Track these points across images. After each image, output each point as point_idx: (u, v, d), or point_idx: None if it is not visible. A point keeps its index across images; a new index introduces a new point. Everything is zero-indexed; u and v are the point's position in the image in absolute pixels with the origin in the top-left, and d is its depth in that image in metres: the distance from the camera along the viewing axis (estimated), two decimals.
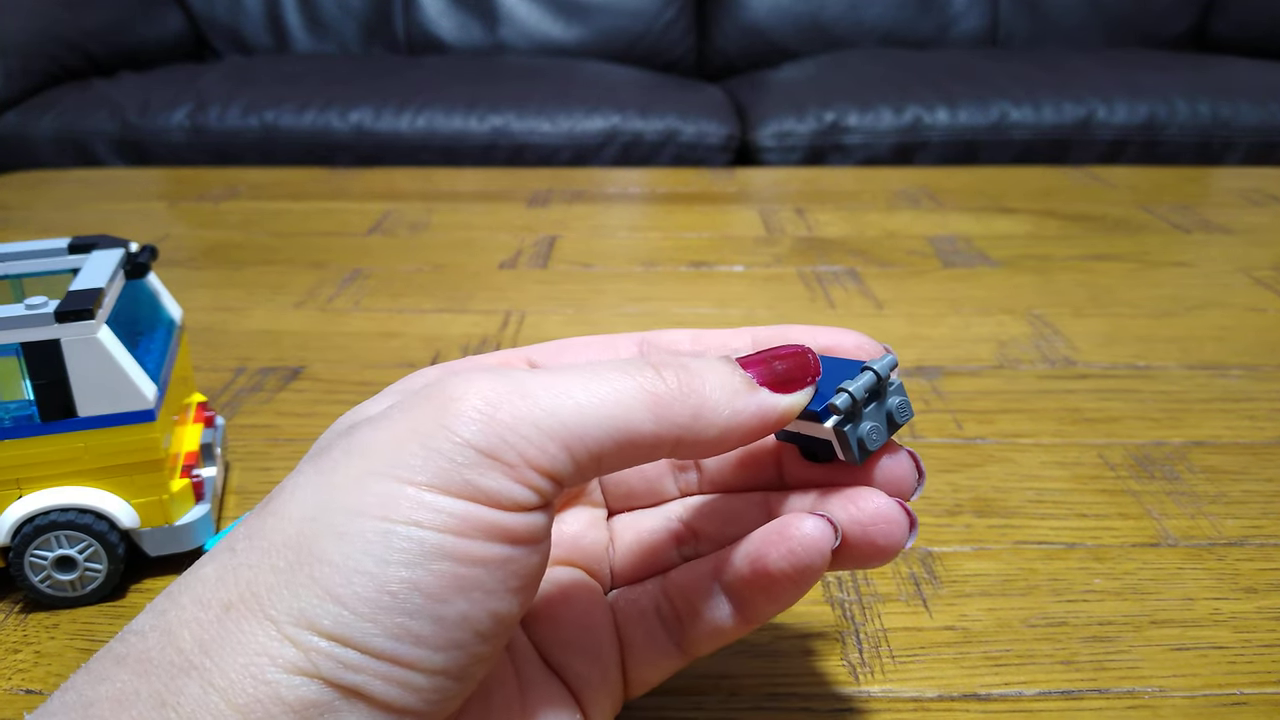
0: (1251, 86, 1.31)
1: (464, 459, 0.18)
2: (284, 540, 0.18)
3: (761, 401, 0.20)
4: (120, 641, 0.18)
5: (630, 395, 0.19)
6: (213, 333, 0.50)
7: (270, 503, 0.19)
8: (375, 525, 0.17)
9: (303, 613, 0.17)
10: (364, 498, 0.17)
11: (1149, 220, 0.68)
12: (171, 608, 0.18)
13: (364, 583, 0.17)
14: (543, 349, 0.24)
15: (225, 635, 0.17)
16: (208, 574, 0.18)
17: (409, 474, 0.18)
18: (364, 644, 0.17)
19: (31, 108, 1.29)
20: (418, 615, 0.17)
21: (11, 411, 0.28)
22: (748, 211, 0.71)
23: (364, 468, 0.18)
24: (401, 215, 0.70)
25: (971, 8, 1.66)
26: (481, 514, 0.17)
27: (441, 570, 0.17)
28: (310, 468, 0.19)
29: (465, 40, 1.66)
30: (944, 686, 0.25)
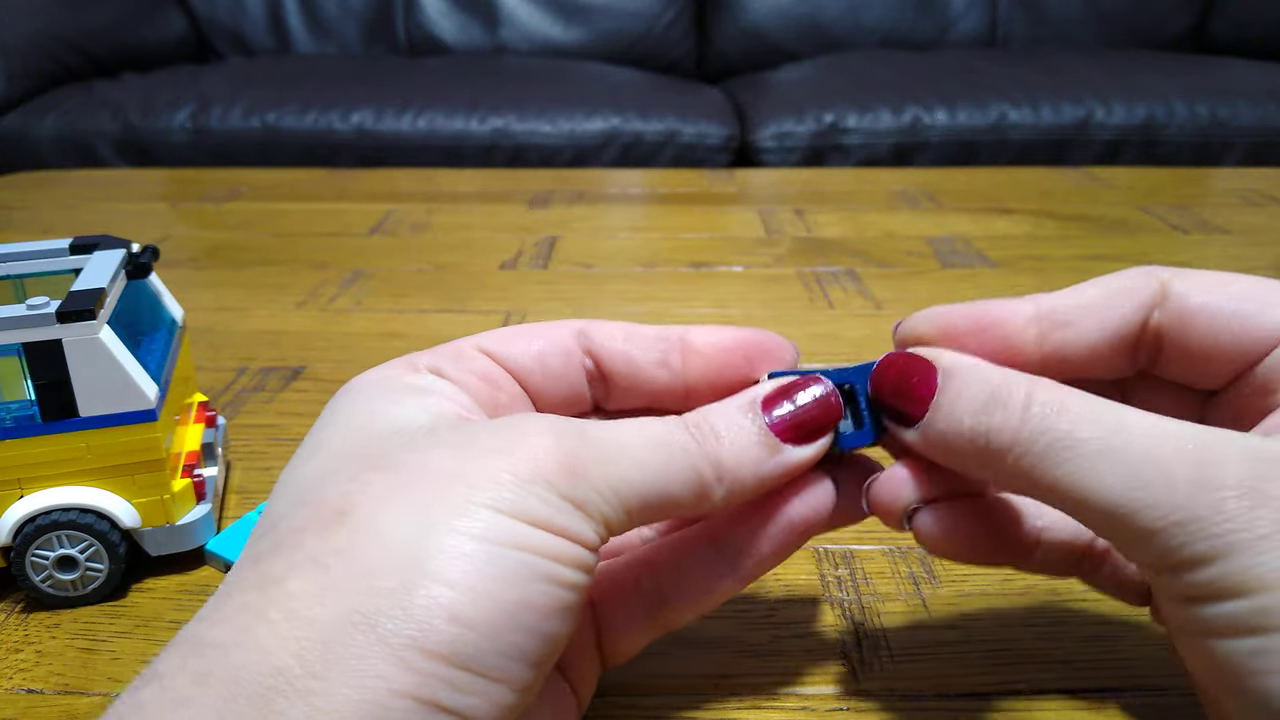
0: (1250, 87, 1.31)
1: (557, 507, 0.18)
2: (385, 559, 0.17)
3: (784, 461, 0.21)
4: (196, 656, 0.17)
5: (676, 470, 0.20)
6: (214, 333, 0.50)
7: (350, 518, 0.18)
8: (488, 549, 0.17)
9: (417, 634, 0.16)
10: (469, 521, 0.18)
11: (1147, 221, 0.68)
12: (259, 623, 0.17)
13: (484, 603, 0.17)
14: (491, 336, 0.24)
15: (333, 657, 0.16)
16: (298, 592, 0.17)
17: (510, 508, 0.18)
18: (479, 664, 0.17)
19: (33, 108, 1.29)
20: (527, 633, 0.17)
21: (13, 411, 0.28)
22: (747, 212, 0.71)
23: (459, 494, 0.18)
24: (403, 216, 0.70)
25: (970, 9, 1.66)
26: (568, 548, 0.18)
27: (546, 591, 0.18)
28: (383, 481, 0.18)
29: (466, 41, 1.66)
30: (944, 686, 0.25)
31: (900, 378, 0.21)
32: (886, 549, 0.31)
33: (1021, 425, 0.19)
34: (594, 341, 0.24)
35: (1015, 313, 0.22)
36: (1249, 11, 1.65)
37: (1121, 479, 0.17)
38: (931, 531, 0.21)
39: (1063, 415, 0.18)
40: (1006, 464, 0.19)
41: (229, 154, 1.25)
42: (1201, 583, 0.17)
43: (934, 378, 0.20)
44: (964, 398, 0.20)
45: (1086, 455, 0.18)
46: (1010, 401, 0.19)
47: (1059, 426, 0.18)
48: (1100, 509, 0.18)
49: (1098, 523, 0.18)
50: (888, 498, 0.22)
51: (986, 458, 0.19)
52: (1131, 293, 0.21)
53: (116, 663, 0.27)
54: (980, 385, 0.20)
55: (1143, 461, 0.17)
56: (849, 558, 0.31)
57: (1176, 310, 0.21)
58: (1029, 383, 0.19)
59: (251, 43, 1.67)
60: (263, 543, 0.19)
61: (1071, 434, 0.18)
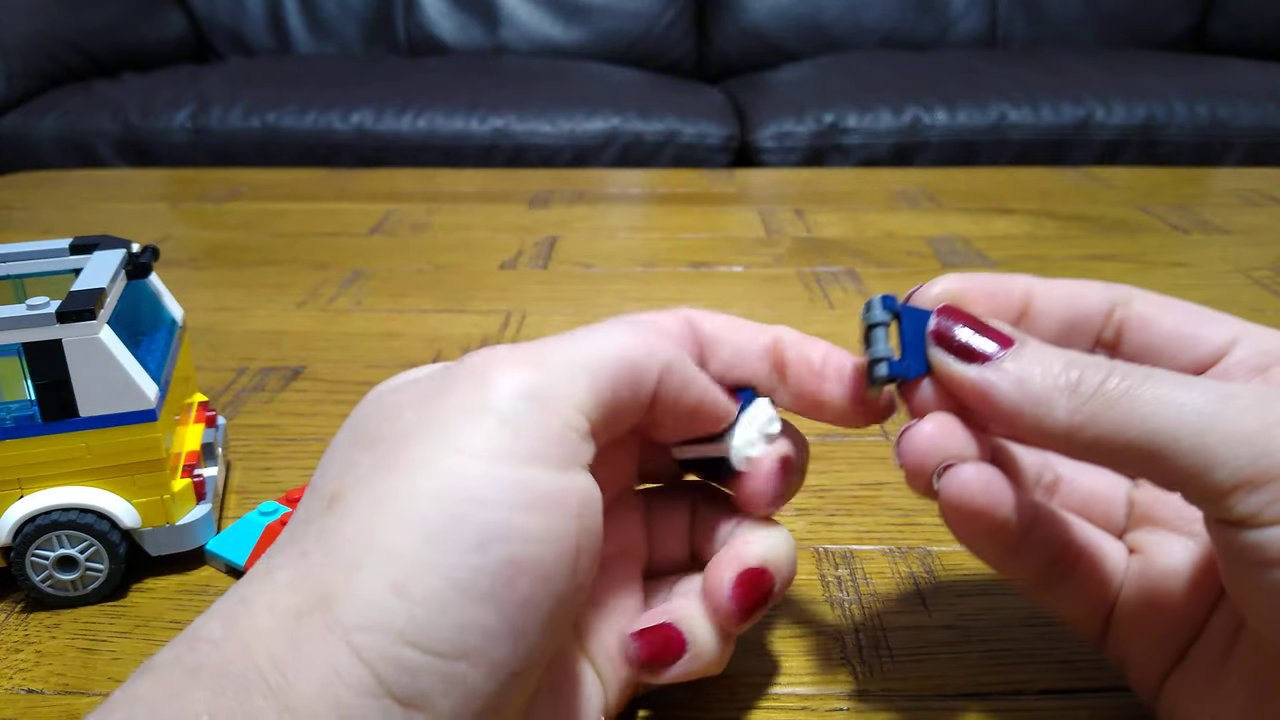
0: (1250, 87, 1.31)
1: (522, 412, 0.18)
2: (352, 536, 0.17)
3: None
4: (191, 649, 0.17)
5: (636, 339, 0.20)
6: (214, 333, 0.50)
7: (338, 502, 0.18)
8: (434, 507, 0.17)
9: (370, 615, 0.16)
10: (425, 481, 0.17)
11: (1147, 221, 0.68)
12: (244, 615, 0.17)
13: (429, 573, 0.16)
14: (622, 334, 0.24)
15: (296, 649, 0.16)
16: (280, 579, 0.17)
17: (469, 444, 0.17)
18: (431, 642, 0.16)
19: (33, 108, 1.29)
20: (483, 602, 0.17)
21: (13, 411, 0.28)
22: (747, 212, 0.71)
23: (423, 449, 0.18)
24: (403, 216, 0.70)
25: (970, 9, 1.66)
26: (538, 478, 0.18)
27: (504, 552, 0.17)
28: (367, 458, 0.18)
29: (466, 41, 1.66)
30: (944, 686, 0.26)
31: (975, 320, 0.21)
32: (886, 549, 0.31)
33: (1110, 370, 0.19)
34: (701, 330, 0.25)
35: (1014, 281, 0.24)
36: (1249, 11, 1.65)
37: (1208, 395, 0.18)
38: (967, 488, 0.21)
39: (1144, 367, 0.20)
40: (1089, 403, 0.19)
41: (229, 154, 1.25)
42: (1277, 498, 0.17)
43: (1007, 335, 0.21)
44: (1052, 350, 0.21)
45: (1172, 381, 0.19)
46: (1098, 360, 0.20)
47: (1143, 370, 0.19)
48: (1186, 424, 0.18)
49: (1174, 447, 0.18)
50: (924, 449, 0.21)
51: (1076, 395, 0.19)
52: (1102, 287, 0.23)
53: (116, 663, 0.27)
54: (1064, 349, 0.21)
55: (1226, 385, 0.19)
56: (849, 558, 0.31)
57: (1139, 313, 0.23)
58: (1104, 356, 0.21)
59: (251, 43, 1.67)
60: (282, 536, 0.19)
61: (1155, 373, 0.19)
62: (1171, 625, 0.22)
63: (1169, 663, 0.22)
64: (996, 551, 0.22)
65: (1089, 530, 0.24)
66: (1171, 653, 0.22)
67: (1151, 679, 0.23)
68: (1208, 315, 0.23)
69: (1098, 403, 0.19)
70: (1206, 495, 0.18)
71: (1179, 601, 0.22)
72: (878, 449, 0.37)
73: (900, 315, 0.22)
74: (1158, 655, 0.22)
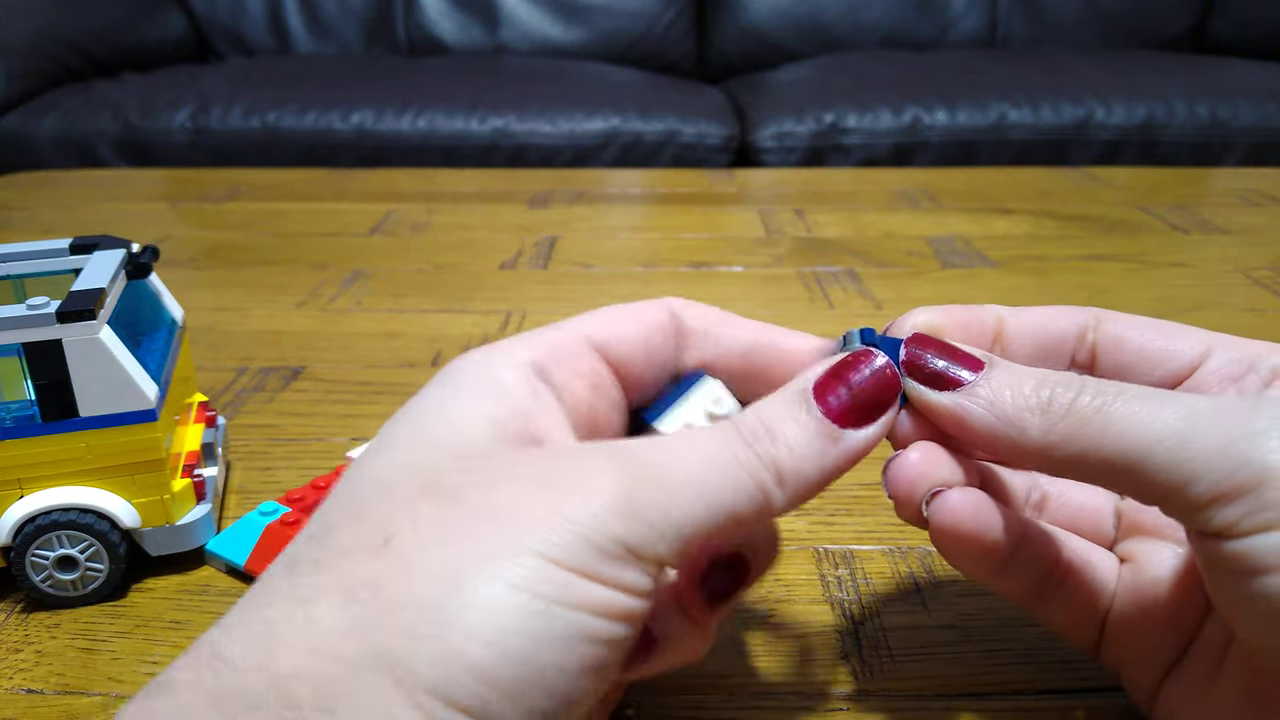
0: (1250, 87, 1.31)
1: (612, 551, 0.17)
2: (418, 601, 0.16)
3: (848, 449, 0.20)
4: (213, 673, 0.16)
5: (739, 488, 0.19)
6: (214, 333, 0.50)
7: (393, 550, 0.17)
8: (526, 605, 0.16)
9: (441, 686, 0.16)
10: (515, 570, 0.17)
11: (1147, 221, 0.68)
12: (279, 648, 0.16)
13: (513, 665, 0.16)
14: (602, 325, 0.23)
15: (349, 695, 0.16)
16: (323, 619, 0.16)
17: (556, 554, 0.17)
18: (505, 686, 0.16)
19: (33, 108, 1.29)
20: (554, 697, 0.17)
21: (13, 411, 0.28)
22: (747, 212, 0.71)
23: (509, 538, 0.17)
24: (403, 216, 0.70)
25: (970, 9, 1.66)
26: (616, 601, 0.17)
27: (584, 653, 0.17)
28: (436, 512, 0.18)
29: (466, 41, 1.66)
30: (944, 686, 0.26)
31: (944, 347, 0.22)
32: (886, 549, 0.31)
33: (1082, 388, 0.20)
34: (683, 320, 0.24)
35: (986, 311, 0.24)
36: (1249, 11, 1.65)
37: (1182, 411, 0.18)
38: (955, 514, 0.21)
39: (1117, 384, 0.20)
40: (1062, 422, 0.19)
41: (229, 154, 1.25)
42: (1259, 507, 0.17)
43: (977, 358, 0.21)
44: (1022, 371, 0.21)
45: (1145, 397, 0.19)
46: (1069, 378, 0.20)
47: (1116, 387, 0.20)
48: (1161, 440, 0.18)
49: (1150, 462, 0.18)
50: (910, 478, 0.21)
51: (1048, 415, 0.20)
52: (1068, 312, 0.24)
53: (116, 663, 0.27)
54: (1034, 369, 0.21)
55: (1200, 399, 0.19)
56: (849, 558, 0.31)
57: (1110, 333, 0.23)
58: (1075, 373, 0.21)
59: (251, 43, 1.67)
60: (306, 551, 0.18)
61: (1128, 389, 0.19)
62: (1164, 632, 0.22)
63: (1163, 668, 0.22)
64: (986, 571, 0.22)
65: (1078, 544, 0.24)
66: (1166, 659, 0.22)
67: (1147, 685, 0.23)
68: (1178, 330, 0.23)
69: (1071, 421, 0.19)
70: (1184, 509, 0.18)
71: (1171, 608, 0.22)
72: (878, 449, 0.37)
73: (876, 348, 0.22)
74: (1152, 661, 0.22)
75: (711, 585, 0.21)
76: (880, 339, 0.22)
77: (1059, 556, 0.23)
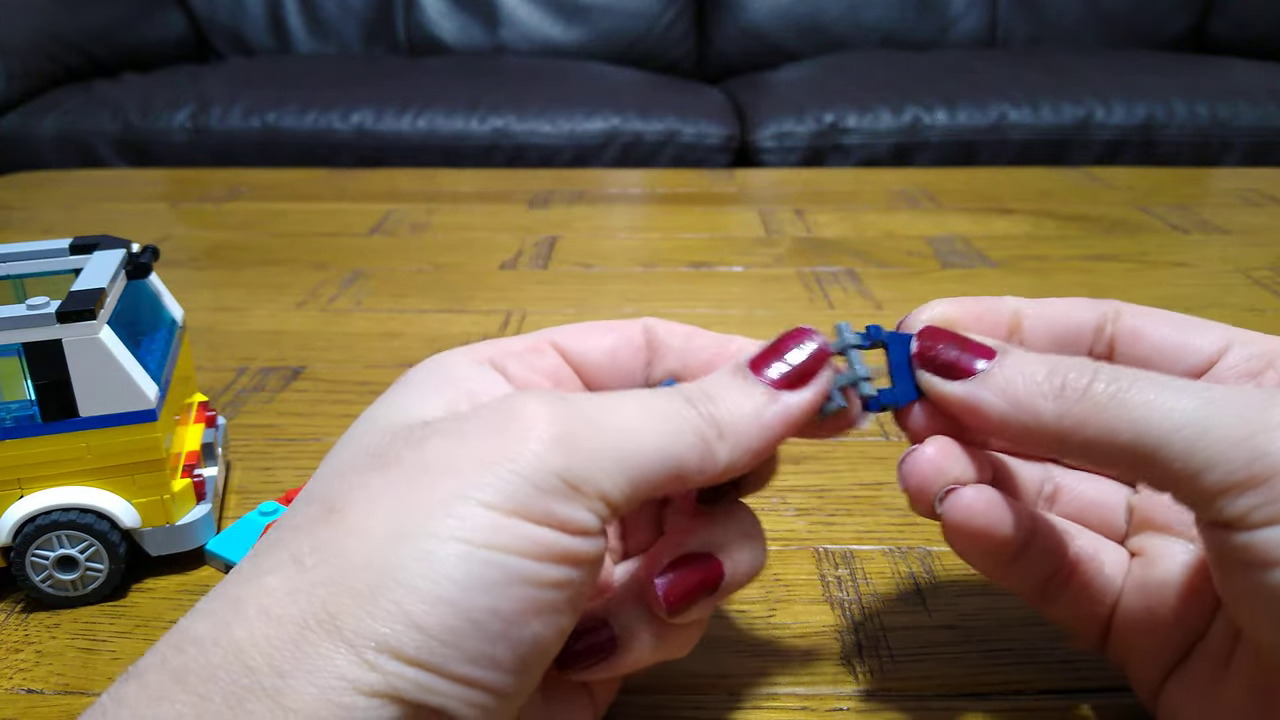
0: (1250, 87, 1.31)
1: (548, 486, 0.18)
2: (362, 560, 0.17)
3: (783, 408, 0.21)
4: (177, 651, 0.17)
5: (681, 436, 0.20)
6: (214, 333, 0.50)
7: (337, 515, 0.18)
8: (458, 549, 0.17)
9: (385, 639, 0.16)
10: (447, 520, 0.17)
11: (1147, 220, 0.68)
12: (236, 620, 0.17)
13: (448, 611, 0.17)
14: (566, 332, 0.24)
15: (300, 657, 0.16)
16: (275, 587, 0.17)
17: (492, 497, 0.18)
18: (446, 669, 0.17)
19: (34, 108, 1.29)
20: (497, 640, 0.17)
21: (13, 411, 0.28)
22: (747, 212, 0.71)
23: (446, 488, 0.18)
24: (403, 216, 0.70)
25: (970, 9, 1.66)
26: (557, 539, 0.18)
27: (521, 595, 0.17)
28: (380, 479, 0.18)
29: (466, 41, 1.66)
30: (944, 685, 0.26)
31: (955, 338, 0.22)
32: (886, 549, 0.31)
33: (1096, 373, 0.20)
34: (656, 337, 0.24)
35: (1002, 302, 0.24)
36: (1249, 11, 1.65)
37: (1198, 400, 0.18)
38: (969, 511, 0.21)
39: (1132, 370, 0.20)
40: (1077, 406, 0.19)
41: (229, 154, 1.25)
42: (1273, 498, 0.17)
43: (989, 347, 0.21)
44: (1035, 358, 0.21)
45: (1161, 385, 0.19)
46: (1083, 363, 0.20)
47: (1131, 373, 0.19)
48: (1177, 428, 0.18)
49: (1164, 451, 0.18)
50: (927, 474, 0.21)
51: (1061, 400, 0.20)
52: (1090, 304, 0.24)
53: (116, 663, 0.27)
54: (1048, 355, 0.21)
55: (1217, 388, 0.19)
56: (849, 558, 0.31)
57: (1129, 326, 0.23)
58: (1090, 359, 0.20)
59: (251, 43, 1.67)
60: (268, 536, 0.19)
61: (1142, 375, 0.19)
62: (1172, 628, 0.22)
63: (1169, 665, 0.22)
64: (995, 566, 0.23)
65: (1088, 537, 0.24)
66: (1172, 655, 0.22)
67: (1152, 681, 0.23)
68: (1197, 324, 0.23)
69: (1085, 406, 0.19)
70: (1196, 498, 0.18)
71: (1179, 604, 0.22)
72: (878, 449, 0.37)
73: (886, 344, 0.22)
74: (1158, 657, 0.22)
75: (673, 581, 0.21)
76: (889, 335, 0.23)
77: (1068, 551, 0.23)
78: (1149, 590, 0.23)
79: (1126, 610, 0.23)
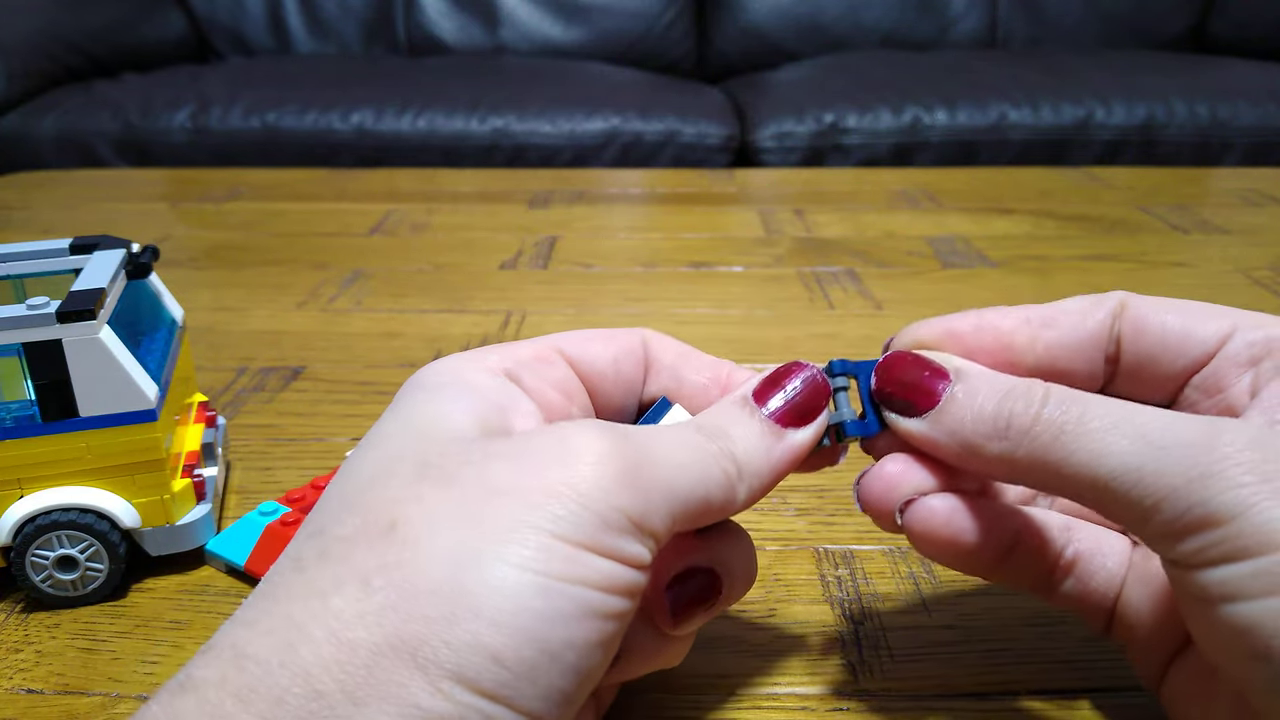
0: (1250, 87, 1.31)
1: (613, 521, 0.18)
2: (432, 585, 0.17)
3: (789, 446, 0.21)
4: (239, 670, 0.16)
5: (711, 474, 0.20)
6: (214, 333, 0.50)
7: (399, 532, 0.18)
8: (535, 581, 0.17)
9: (461, 670, 0.16)
10: (521, 550, 0.17)
11: (1147, 221, 0.68)
12: (302, 642, 0.16)
13: (525, 642, 0.17)
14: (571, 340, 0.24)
15: (374, 684, 0.16)
16: (343, 610, 0.17)
17: (562, 529, 0.17)
18: (520, 705, 0.17)
19: (34, 108, 1.29)
20: (569, 673, 0.17)
21: (13, 411, 0.28)
22: (747, 212, 0.71)
23: (514, 516, 0.18)
24: (403, 216, 0.70)
25: (970, 9, 1.66)
26: (621, 572, 0.18)
27: (591, 627, 0.17)
28: (438, 495, 0.18)
29: (466, 41, 1.66)
30: (944, 686, 0.26)
31: (909, 370, 0.22)
32: (886, 549, 0.31)
33: (1042, 407, 0.20)
34: (651, 351, 0.25)
35: (1008, 315, 0.23)
36: (1249, 11, 1.65)
37: (1137, 444, 0.18)
38: (929, 522, 0.21)
39: (1080, 401, 0.20)
40: (1022, 446, 0.20)
41: (229, 154, 1.25)
42: (1215, 542, 0.17)
43: (945, 373, 0.21)
44: (985, 389, 0.21)
45: (1103, 428, 0.19)
46: (1031, 392, 0.20)
47: (1077, 407, 0.19)
48: (1116, 475, 0.18)
49: (1110, 494, 0.19)
50: (881, 490, 0.22)
51: (1006, 440, 0.20)
52: (1101, 301, 0.23)
53: (116, 663, 0.27)
54: (999, 380, 0.21)
55: (1157, 430, 0.18)
56: (849, 558, 0.31)
57: (1132, 319, 0.23)
58: (1045, 383, 0.20)
59: (251, 43, 1.67)
60: (309, 546, 0.18)
61: (1089, 411, 0.19)
62: (1172, 617, 0.22)
63: (1171, 652, 0.22)
64: (978, 570, 0.23)
65: (1089, 531, 0.24)
66: (1173, 643, 0.22)
67: (1155, 667, 0.23)
68: (1202, 310, 0.22)
69: (1030, 447, 0.19)
70: (1142, 536, 0.19)
71: None
72: None
73: (855, 375, 0.23)
74: (1160, 645, 0.23)
75: (679, 594, 0.22)
76: (859, 366, 0.23)
77: (1064, 547, 0.23)
78: (1150, 581, 0.23)
79: (1129, 600, 0.23)
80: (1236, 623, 0.17)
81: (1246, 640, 0.17)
